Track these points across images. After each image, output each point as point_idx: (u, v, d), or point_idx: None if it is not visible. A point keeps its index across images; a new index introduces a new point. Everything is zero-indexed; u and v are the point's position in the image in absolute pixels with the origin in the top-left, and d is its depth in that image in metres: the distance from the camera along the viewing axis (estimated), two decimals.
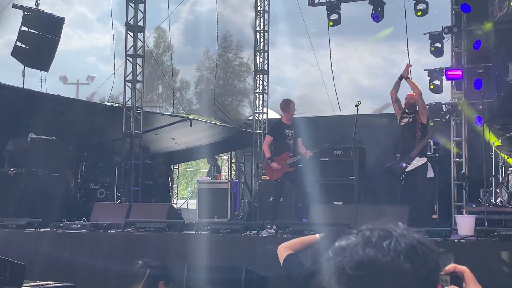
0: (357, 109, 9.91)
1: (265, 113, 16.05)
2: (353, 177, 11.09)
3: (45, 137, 11.37)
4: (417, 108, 9.48)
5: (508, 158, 10.45)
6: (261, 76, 16.09)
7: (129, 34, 13.25)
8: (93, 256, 8.39)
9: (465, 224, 8.59)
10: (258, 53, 16.07)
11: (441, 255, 1.38)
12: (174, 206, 16.14)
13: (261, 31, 16.07)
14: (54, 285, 6.64)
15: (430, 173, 10.18)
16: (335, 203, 10.36)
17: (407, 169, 9.33)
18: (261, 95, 16.06)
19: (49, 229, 8.99)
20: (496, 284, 6.31)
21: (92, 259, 8.36)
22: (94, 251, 8.48)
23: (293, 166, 9.91)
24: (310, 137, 12.34)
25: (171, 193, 15.83)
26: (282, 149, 9.99)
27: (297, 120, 10.60)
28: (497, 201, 10.10)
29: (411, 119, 9.52)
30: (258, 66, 16.04)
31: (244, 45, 16.78)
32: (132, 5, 13.21)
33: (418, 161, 9.36)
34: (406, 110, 9.65)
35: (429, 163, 9.94)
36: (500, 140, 10.38)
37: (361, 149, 11.31)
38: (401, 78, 9.66)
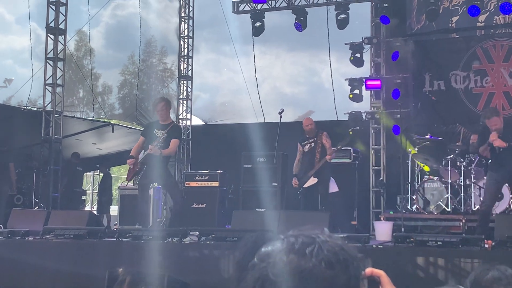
0: (280, 117, 10.08)
1: (188, 119, 15.96)
2: (276, 184, 11.18)
3: None
4: (318, 134, 10.10)
5: (424, 165, 10.80)
6: (185, 82, 16.01)
7: (50, 37, 12.95)
8: (9, 264, 8.15)
9: (383, 230, 8.83)
10: (182, 59, 15.98)
11: (361, 260, 1.42)
12: (95, 212, 15.86)
13: (186, 37, 15.99)
14: None
15: (334, 188, 10.56)
16: (257, 209, 10.41)
17: (304, 186, 9.81)
18: (184, 101, 15.97)
19: None
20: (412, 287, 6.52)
21: (8, 266, 8.12)
22: (10, 258, 8.24)
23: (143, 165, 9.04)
24: (233, 143, 12.39)
25: (84, 199, 15.60)
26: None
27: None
28: (413, 207, 10.41)
29: (313, 143, 10.05)
30: (182, 72, 15.96)
31: (168, 51, 16.64)
32: (53, 7, 12.93)
33: (312, 181, 9.83)
34: (307, 136, 10.12)
35: (332, 179, 10.39)
36: (416, 149, 10.71)
37: (284, 156, 11.41)
38: None
